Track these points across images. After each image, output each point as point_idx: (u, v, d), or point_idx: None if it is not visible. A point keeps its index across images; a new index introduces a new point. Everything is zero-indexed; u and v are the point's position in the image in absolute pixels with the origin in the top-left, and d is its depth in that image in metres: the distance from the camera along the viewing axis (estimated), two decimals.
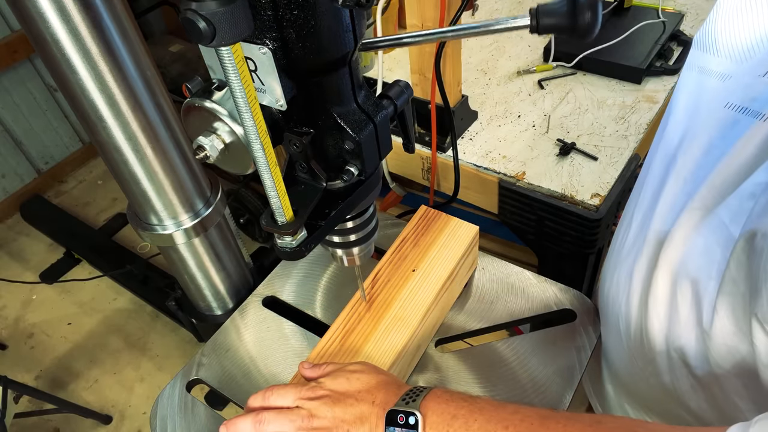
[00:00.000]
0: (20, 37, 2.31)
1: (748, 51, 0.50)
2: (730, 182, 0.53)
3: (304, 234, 0.57)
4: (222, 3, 0.37)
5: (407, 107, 0.58)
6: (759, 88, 0.49)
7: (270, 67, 0.45)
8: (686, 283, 0.61)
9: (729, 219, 0.54)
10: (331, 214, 0.59)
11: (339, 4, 0.42)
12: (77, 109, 0.81)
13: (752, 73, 0.49)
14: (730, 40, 0.52)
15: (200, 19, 0.37)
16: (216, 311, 1.19)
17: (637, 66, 1.25)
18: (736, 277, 0.54)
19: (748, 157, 0.51)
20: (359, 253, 0.70)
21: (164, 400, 0.87)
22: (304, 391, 0.64)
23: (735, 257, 0.53)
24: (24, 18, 0.70)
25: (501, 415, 0.55)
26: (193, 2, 0.37)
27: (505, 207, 1.18)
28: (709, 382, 0.63)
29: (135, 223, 1.00)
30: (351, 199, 0.60)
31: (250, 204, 1.99)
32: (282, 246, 0.57)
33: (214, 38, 0.38)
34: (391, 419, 0.58)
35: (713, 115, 0.54)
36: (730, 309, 0.56)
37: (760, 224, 0.50)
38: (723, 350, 0.59)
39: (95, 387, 1.99)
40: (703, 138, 0.56)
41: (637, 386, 0.76)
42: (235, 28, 0.38)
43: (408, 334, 0.80)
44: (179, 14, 0.38)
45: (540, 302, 0.91)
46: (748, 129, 0.50)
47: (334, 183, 0.59)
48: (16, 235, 2.54)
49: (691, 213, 0.58)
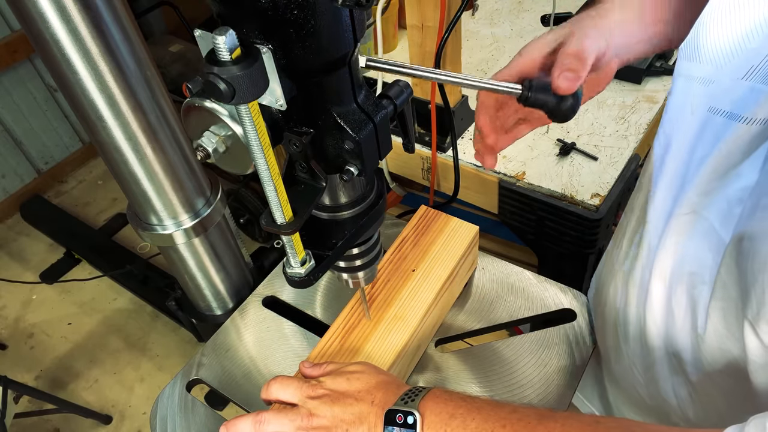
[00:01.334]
0: (20, 37, 2.31)
1: (728, 55, 0.51)
2: (717, 185, 0.54)
3: (312, 264, 0.60)
4: (242, 68, 0.40)
5: (407, 107, 0.58)
6: (739, 91, 0.50)
7: (270, 67, 0.45)
8: (681, 289, 0.61)
9: (719, 223, 0.54)
10: (338, 245, 0.61)
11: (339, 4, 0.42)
12: (77, 109, 0.81)
13: (733, 76, 0.50)
14: (712, 46, 0.53)
15: (221, 82, 0.40)
16: (216, 311, 1.19)
17: (637, 66, 1.25)
18: (728, 281, 0.54)
19: (732, 159, 0.52)
20: (364, 276, 0.73)
21: (164, 400, 0.87)
22: (305, 388, 0.65)
23: (726, 261, 0.54)
24: (24, 18, 0.70)
25: (499, 415, 0.55)
26: (215, 66, 0.40)
27: (505, 207, 1.18)
28: (706, 389, 0.64)
29: (135, 223, 1.00)
30: (357, 229, 0.62)
31: (250, 204, 1.99)
32: (292, 275, 0.60)
33: (234, 98, 0.41)
34: (390, 418, 0.58)
35: (698, 119, 0.55)
36: (722, 313, 0.57)
37: (748, 227, 0.50)
38: (717, 354, 0.59)
39: (95, 387, 1.99)
40: (689, 142, 0.56)
41: (637, 393, 0.76)
42: (254, 88, 0.41)
43: (408, 333, 0.80)
44: (202, 77, 0.41)
45: (540, 302, 0.91)
46: (730, 132, 0.51)
47: (341, 213, 0.62)
48: (16, 235, 2.54)
49: (681, 218, 0.59)
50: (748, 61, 0.49)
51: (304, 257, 0.60)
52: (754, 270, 0.49)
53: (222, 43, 0.39)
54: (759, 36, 0.48)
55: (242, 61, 0.40)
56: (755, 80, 0.48)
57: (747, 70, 0.49)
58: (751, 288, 0.50)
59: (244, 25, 0.44)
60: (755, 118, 0.49)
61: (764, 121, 0.48)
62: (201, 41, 0.47)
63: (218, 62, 0.40)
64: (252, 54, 0.41)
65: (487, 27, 1.51)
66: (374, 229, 0.67)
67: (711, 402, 0.64)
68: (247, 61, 0.40)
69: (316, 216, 0.63)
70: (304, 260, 0.60)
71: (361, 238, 0.66)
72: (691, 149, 0.56)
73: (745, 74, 0.49)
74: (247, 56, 0.41)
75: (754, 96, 0.49)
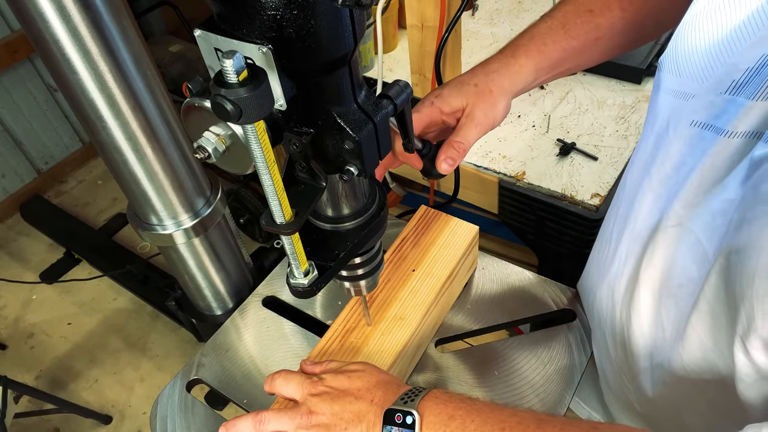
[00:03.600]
0: (20, 37, 2.31)
1: (706, 70, 0.51)
2: (702, 199, 0.54)
3: (315, 274, 0.61)
4: (248, 89, 0.41)
5: (407, 107, 0.58)
6: (722, 105, 0.50)
7: (270, 67, 0.45)
8: (668, 301, 0.62)
9: (705, 237, 0.55)
10: (340, 256, 0.62)
11: (339, 4, 0.42)
12: (77, 109, 0.81)
13: (714, 91, 0.50)
14: (689, 61, 0.53)
15: (228, 103, 0.41)
16: (216, 311, 1.19)
17: (637, 66, 1.25)
18: (713, 295, 0.55)
19: (716, 173, 0.52)
20: (365, 285, 0.73)
21: (164, 400, 0.87)
22: (306, 385, 0.65)
23: (712, 276, 0.54)
24: (24, 18, 0.70)
25: (498, 417, 0.55)
26: (222, 88, 0.41)
27: (505, 207, 1.18)
28: (692, 398, 0.64)
29: (135, 223, 1.00)
30: (359, 240, 0.63)
31: (250, 204, 1.99)
32: (295, 286, 0.61)
33: (241, 117, 0.42)
34: (389, 418, 0.58)
35: (681, 133, 0.55)
36: (707, 327, 0.57)
37: (734, 242, 0.50)
38: (703, 366, 0.59)
39: (95, 387, 1.99)
40: (673, 156, 0.57)
41: (627, 399, 0.77)
42: (260, 108, 0.43)
43: (408, 333, 0.80)
44: (212, 97, 0.42)
45: (540, 302, 0.91)
46: (713, 145, 0.51)
47: (344, 225, 0.63)
48: (16, 235, 2.54)
49: (668, 230, 0.59)
50: (729, 75, 0.49)
51: (308, 268, 0.61)
52: (743, 285, 0.49)
53: (230, 66, 0.41)
54: (737, 49, 0.48)
55: (249, 83, 0.41)
56: (738, 94, 0.48)
57: (729, 85, 0.49)
58: (740, 303, 0.50)
59: (244, 24, 0.44)
60: (736, 131, 0.49)
61: (745, 134, 0.48)
62: (201, 41, 0.47)
63: (226, 84, 0.41)
64: (258, 76, 0.42)
65: (487, 27, 1.51)
66: (376, 240, 0.68)
67: (698, 411, 0.64)
68: (253, 83, 0.42)
69: (319, 227, 0.64)
70: (308, 271, 0.61)
71: (363, 248, 0.67)
72: (676, 163, 0.57)
73: (728, 89, 0.49)
74: (253, 78, 0.42)
75: (734, 109, 0.49)
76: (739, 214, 0.50)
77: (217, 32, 0.45)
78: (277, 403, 0.73)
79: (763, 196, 0.46)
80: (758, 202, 0.47)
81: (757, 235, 0.47)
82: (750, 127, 0.48)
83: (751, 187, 0.48)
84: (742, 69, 0.47)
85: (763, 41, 0.46)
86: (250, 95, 0.41)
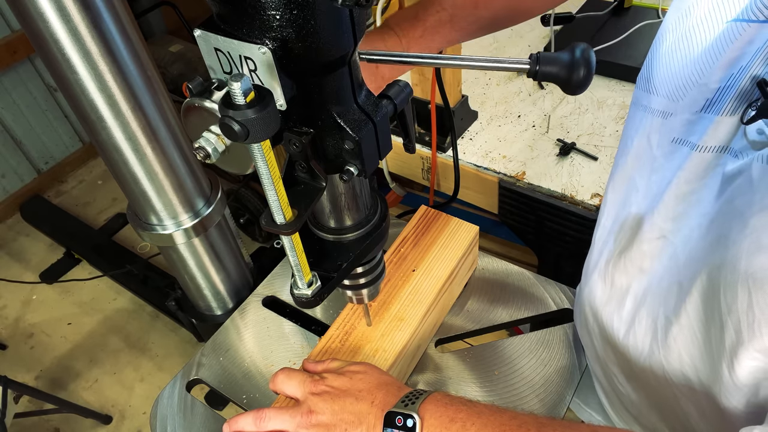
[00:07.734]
0: (20, 37, 2.31)
1: (681, 89, 0.54)
2: (680, 212, 0.56)
3: (319, 285, 0.62)
4: (255, 111, 0.42)
5: (407, 107, 0.58)
6: (696, 122, 0.53)
7: (270, 66, 0.45)
8: (648, 311, 0.62)
9: (684, 250, 0.56)
10: (343, 266, 0.63)
11: (338, 4, 0.42)
12: (77, 109, 0.81)
13: (690, 110, 0.53)
14: (665, 81, 0.56)
15: (236, 124, 0.42)
16: (216, 311, 1.19)
17: (637, 66, 1.24)
18: (693, 308, 0.56)
19: (691, 186, 0.54)
20: (367, 293, 0.74)
21: (164, 400, 0.88)
22: (307, 383, 0.66)
23: (693, 290, 0.55)
24: (24, 18, 0.70)
25: (499, 420, 0.56)
26: (230, 110, 0.42)
27: (505, 207, 1.18)
28: (678, 404, 0.64)
29: (135, 223, 1.00)
30: (361, 251, 0.64)
31: (250, 204, 1.99)
32: (299, 296, 0.62)
33: (248, 137, 0.43)
34: (389, 420, 0.58)
35: (661, 149, 0.58)
36: (688, 340, 0.58)
37: (714, 258, 0.52)
38: (680, 377, 0.60)
39: (95, 387, 1.99)
40: (656, 170, 0.59)
41: (620, 402, 0.77)
42: (266, 129, 0.44)
43: (408, 334, 0.80)
44: (221, 118, 0.43)
45: (540, 302, 0.91)
46: (687, 160, 0.54)
47: (346, 236, 0.64)
48: (16, 235, 2.54)
49: (653, 242, 0.60)
50: (702, 94, 0.52)
51: (311, 279, 0.62)
52: (727, 299, 0.50)
53: (237, 88, 0.41)
54: (707, 71, 0.51)
55: (256, 105, 0.42)
56: (709, 112, 0.51)
57: (703, 104, 0.52)
58: (727, 317, 0.51)
59: (244, 24, 0.44)
60: (706, 146, 0.52)
61: (714, 148, 0.51)
62: (201, 41, 0.47)
63: (233, 106, 0.42)
64: (265, 98, 0.43)
65: None
66: (378, 250, 0.69)
67: (685, 417, 0.64)
68: (260, 105, 0.42)
69: (322, 238, 0.65)
70: (311, 282, 0.62)
71: (365, 258, 0.68)
72: (657, 177, 0.59)
73: (702, 107, 0.52)
74: (260, 100, 0.43)
75: (705, 124, 0.52)
76: (716, 229, 0.52)
77: (217, 32, 0.45)
78: (278, 401, 0.73)
79: (737, 211, 0.48)
80: (733, 216, 0.49)
81: (735, 249, 0.48)
82: (718, 142, 0.51)
83: (726, 202, 0.50)
84: (713, 89, 0.51)
85: (728, 62, 0.49)
86: (257, 117, 0.42)
